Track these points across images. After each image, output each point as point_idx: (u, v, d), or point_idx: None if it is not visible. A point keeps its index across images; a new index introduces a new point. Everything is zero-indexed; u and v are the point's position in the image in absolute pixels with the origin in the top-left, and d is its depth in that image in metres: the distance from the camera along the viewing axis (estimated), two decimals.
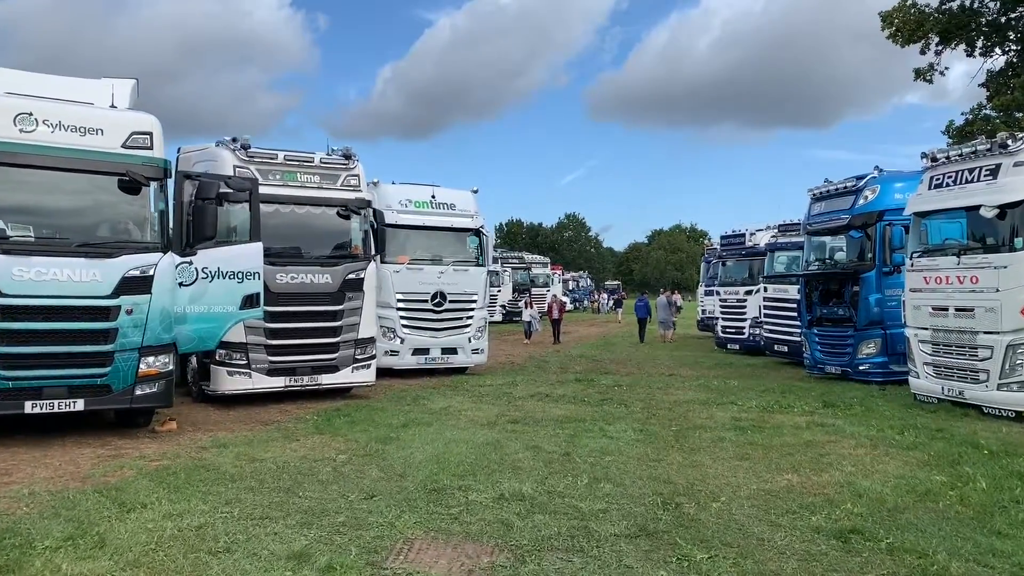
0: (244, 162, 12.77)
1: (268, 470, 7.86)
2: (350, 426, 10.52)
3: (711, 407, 12.53)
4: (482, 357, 18.28)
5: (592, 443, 9.34)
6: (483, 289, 18.17)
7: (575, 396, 13.76)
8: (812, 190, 17.57)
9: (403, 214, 17.31)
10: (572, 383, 15.96)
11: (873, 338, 15.95)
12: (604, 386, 15.45)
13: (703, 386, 15.43)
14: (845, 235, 16.82)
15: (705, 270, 33.81)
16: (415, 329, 17.29)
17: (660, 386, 15.54)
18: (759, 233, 24.50)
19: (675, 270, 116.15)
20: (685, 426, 10.66)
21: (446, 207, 17.89)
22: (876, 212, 15.80)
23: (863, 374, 16.07)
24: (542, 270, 53.16)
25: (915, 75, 22.18)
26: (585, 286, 76.36)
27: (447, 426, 10.55)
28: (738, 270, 25.63)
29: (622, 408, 12.48)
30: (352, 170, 13.74)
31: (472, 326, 17.92)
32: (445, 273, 17.52)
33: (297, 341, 13.04)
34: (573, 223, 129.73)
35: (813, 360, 17.44)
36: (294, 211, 13.24)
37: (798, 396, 13.87)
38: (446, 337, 17.61)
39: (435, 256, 17.78)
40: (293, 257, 13.13)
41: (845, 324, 16.61)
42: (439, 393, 14.30)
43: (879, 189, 15.95)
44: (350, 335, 13.43)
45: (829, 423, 10.82)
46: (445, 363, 17.70)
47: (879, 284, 15.81)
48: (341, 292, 13.31)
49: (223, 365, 12.58)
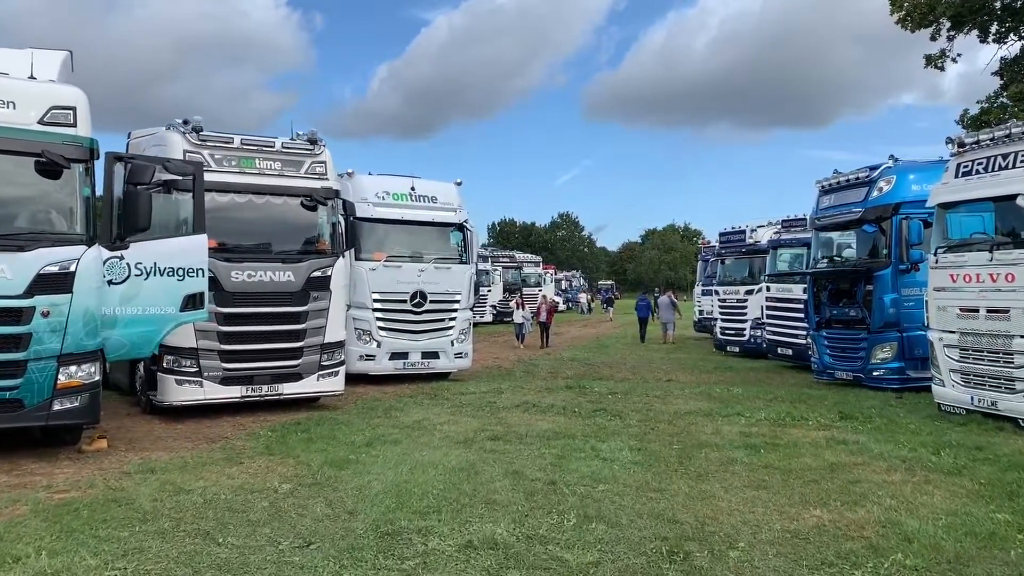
0: (195, 146, 11.42)
1: (192, 506, 6.53)
2: (306, 444, 9.19)
3: (716, 419, 11.25)
4: (466, 361, 16.96)
5: (583, 466, 8.04)
6: (467, 288, 16.85)
7: (565, 406, 12.46)
8: (820, 182, 16.31)
9: (379, 207, 15.99)
10: (562, 390, 14.67)
11: (888, 341, 14.70)
12: (597, 394, 14.16)
13: (705, 394, 14.15)
14: (857, 230, 15.56)
15: (702, 269, 32.57)
16: (393, 332, 15.97)
17: (658, 394, 14.26)
18: (760, 230, 23.25)
19: (669, 269, 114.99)
20: (688, 444, 9.36)
21: (427, 200, 16.56)
22: (892, 205, 14.55)
23: (877, 380, 14.82)
24: (534, 269, 51.79)
25: (926, 62, 20.97)
26: (578, 286, 74.97)
27: (417, 444, 9.23)
28: (738, 269, 24.37)
29: (617, 421, 11.19)
30: (318, 156, 12.40)
31: (455, 328, 16.60)
32: (426, 271, 16.20)
33: (255, 346, 11.70)
34: (566, 222, 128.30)
35: (822, 365, 16.19)
36: (252, 201, 11.89)
37: (810, 406, 12.60)
38: (427, 340, 16.28)
39: (415, 253, 16.46)
40: (250, 252, 11.78)
41: (857, 326, 15.35)
42: (415, 403, 12.98)
43: (895, 180, 14.70)
44: (315, 339, 12.09)
45: (851, 440, 9.54)
46: (426, 368, 16.38)
47: (895, 283, 14.56)
48: (305, 291, 11.98)
49: (171, 373, 11.24)
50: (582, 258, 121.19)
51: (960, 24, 20.95)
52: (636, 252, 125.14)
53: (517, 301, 30.38)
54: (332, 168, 12.60)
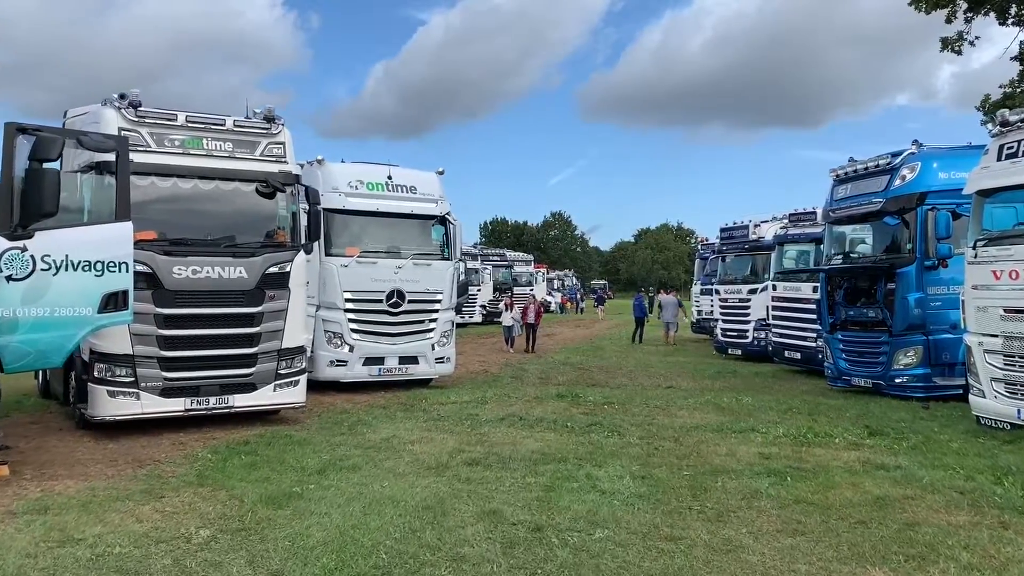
0: (133, 123, 9.94)
1: (73, 564, 5.06)
2: (246, 471, 7.73)
3: (728, 436, 9.83)
4: (448, 367, 15.51)
5: (576, 503, 6.60)
6: (449, 287, 15.39)
7: (556, 420, 11.03)
8: (835, 170, 14.91)
9: (352, 197, 14.51)
10: (553, 400, 13.22)
11: (912, 345, 13.30)
12: (591, 404, 12.72)
13: (712, 404, 12.72)
14: (877, 223, 14.15)
15: (700, 267, 31.20)
16: (367, 335, 14.50)
17: (659, 403, 12.84)
18: (764, 225, 21.85)
19: (662, 269, 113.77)
20: (701, 469, 7.93)
21: (405, 190, 15.09)
22: (916, 194, 13.16)
23: (900, 388, 13.43)
24: (525, 268, 50.28)
25: (942, 45, 19.63)
26: (571, 285, 73.46)
27: (380, 471, 7.78)
28: (740, 266, 22.96)
29: (615, 438, 9.76)
30: (275, 136, 10.92)
31: (436, 331, 15.13)
32: (404, 268, 14.73)
33: (201, 352, 10.22)
34: (559, 222, 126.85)
35: (836, 370, 14.79)
36: (198, 187, 10.41)
37: (831, 419, 11.20)
38: (405, 344, 14.82)
39: (391, 248, 14.99)
40: (196, 246, 10.29)
41: (877, 328, 13.96)
42: (387, 415, 11.53)
43: (919, 167, 13.30)
44: (271, 344, 10.63)
45: (890, 464, 8.13)
46: (403, 375, 14.91)
47: (920, 281, 13.17)
48: (259, 290, 10.50)
49: (103, 383, 9.74)
50: (575, 258, 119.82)
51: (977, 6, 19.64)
52: (629, 252, 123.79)
53: (506, 302, 28.17)
54: (292, 150, 11.12)
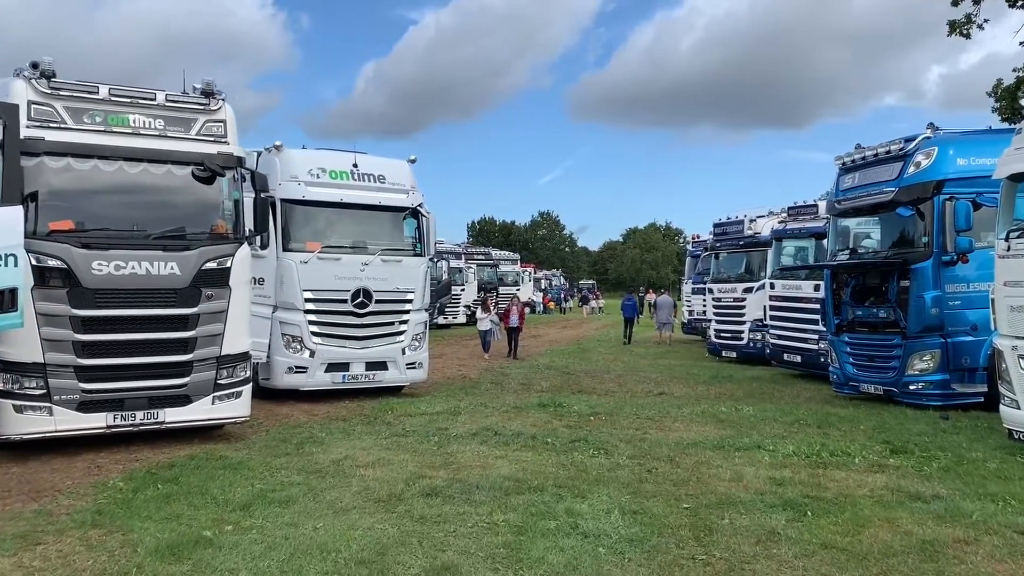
0: (46, 96, 8.63)
1: None
2: (157, 507, 6.40)
3: (731, 455, 8.57)
4: (420, 373, 14.17)
5: (552, 553, 5.30)
6: (422, 285, 14.07)
7: (535, 435, 9.74)
8: (841, 158, 13.69)
9: (313, 187, 13.17)
10: (534, 410, 11.94)
11: (929, 349, 12.09)
12: (576, 415, 11.45)
13: (709, 415, 11.47)
14: (887, 214, 12.93)
15: (691, 265, 29.97)
16: (330, 338, 13.16)
17: (651, 414, 11.58)
18: (760, 220, 20.62)
19: (650, 269, 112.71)
20: (703, 500, 6.66)
21: (372, 179, 13.75)
22: (933, 182, 11.95)
23: (914, 396, 12.21)
24: (511, 267, 48.92)
25: (949, 29, 18.49)
26: (558, 285, 72.20)
27: (319, 506, 6.47)
28: (734, 264, 21.72)
29: (601, 457, 8.49)
30: (214, 113, 9.58)
31: (407, 333, 13.81)
32: (371, 265, 13.40)
33: (126, 360, 8.87)
34: (547, 221, 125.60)
35: (843, 376, 13.56)
36: (124, 170, 9.04)
37: (845, 433, 9.97)
38: (372, 348, 13.48)
39: (357, 242, 13.66)
40: (120, 238, 8.95)
41: (889, 330, 12.75)
42: (345, 431, 10.20)
43: (936, 153, 12.10)
44: (209, 350, 9.29)
45: (925, 492, 6.88)
46: (370, 382, 13.57)
47: (937, 278, 11.96)
48: (195, 288, 9.15)
49: (9, 397, 8.39)
50: (563, 257, 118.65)
51: None
52: (618, 251, 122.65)
53: (484, 302, 24.17)
54: (234, 129, 9.77)
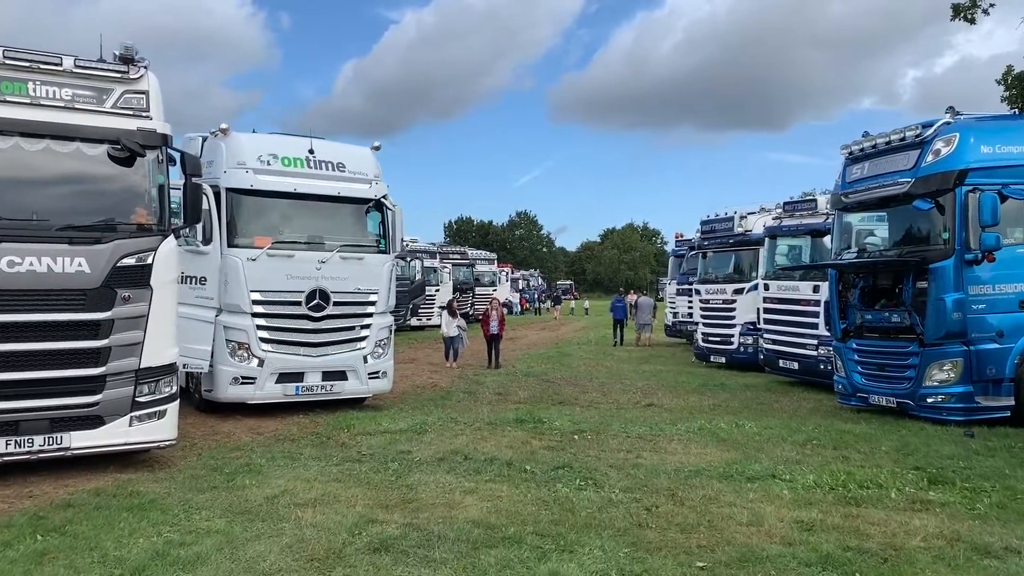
0: None
1: None
2: (24, 571, 4.96)
3: (743, 488, 7.27)
4: (384, 383, 12.75)
5: None
6: (386, 286, 12.65)
7: (511, 460, 8.38)
8: (848, 146, 12.46)
9: (263, 175, 11.73)
10: (510, 426, 10.57)
11: (949, 357, 10.87)
12: (558, 433, 10.10)
13: (708, 433, 10.15)
14: (902, 208, 11.68)
15: (675, 265, 28.79)
16: (281, 345, 11.73)
17: (642, 430, 10.26)
18: (751, 217, 19.43)
19: (628, 269, 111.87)
20: (721, 557, 5.34)
21: (331, 167, 12.32)
22: (955, 172, 10.76)
23: (933, 409, 11.00)
24: (488, 267, 47.53)
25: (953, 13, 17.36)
26: (536, 286, 70.86)
27: (234, 568, 5.06)
28: (723, 263, 20.51)
29: (590, 490, 7.15)
30: (134, 83, 8.11)
31: (369, 339, 12.39)
32: (328, 262, 11.98)
33: (22, 375, 7.42)
34: (525, 221, 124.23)
35: (850, 386, 12.32)
36: (21, 147, 7.57)
37: (866, 455, 8.71)
38: (330, 356, 12.06)
39: (313, 238, 12.25)
40: (16, 228, 7.46)
41: (903, 336, 11.52)
42: (290, 455, 8.78)
43: (957, 139, 10.89)
44: (126, 362, 7.84)
45: (992, 544, 5.61)
46: (328, 393, 12.15)
47: (959, 278, 10.76)
48: (108, 289, 7.71)
49: None
50: (541, 258, 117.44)
51: None
52: (595, 252, 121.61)
53: (450, 305, 20.69)
54: (159, 102, 8.30)
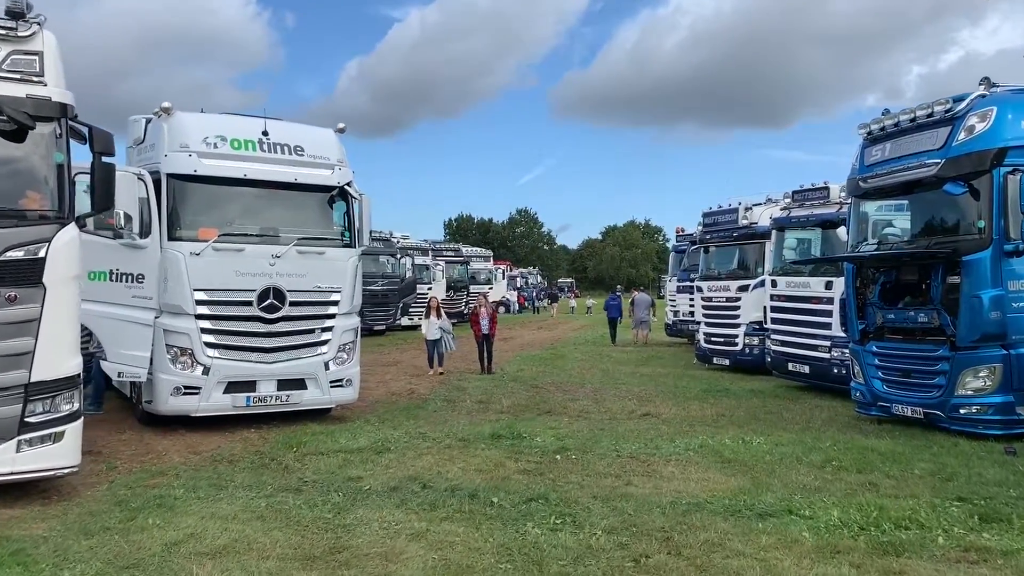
0: None
1: None
2: None
3: (754, 528, 5.93)
4: (349, 392, 11.40)
5: None
6: (351, 283, 11.30)
7: (478, 489, 7.05)
8: (867, 125, 11.10)
9: (209, 158, 10.40)
10: (484, 443, 9.24)
11: (986, 363, 9.54)
12: (538, 452, 8.78)
13: (710, 451, 8.81)
14: (929, 193, 10.34)
15: (676, 261, 27.40)
16: (230, 350, 10.42)
17: (634, 449, 8.93)
18: (756, 209, 18.05)
19: (630, 267, 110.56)
20: None
21: (287, 151, 10.98)
22: (992, 151, 9.42)
23: (966, 422, 9.67)
24: (483, 265, 46.16)
25: None
26: (535, 284, 69.44)
27: None
28: (727, 258, 19.12)
29: (566, 532, 5.82)
30: (23, 42, 6.77)
31: (331, 343, 11.07)
32: (284, 257, 10.66)
33: None
34: (525, 219, 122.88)
35: (870, 394, 10.97)
36: None
37: (897, 482, 7.38)
38: (286, 362, 10.74)
39: (266, 229, 10.92)
40: None
41: (931, 338, 10.19)
42: (217, 482, 7.44)
43: (994, 114, 9.54)
44: (10, 376, 6.53)
45: None
46: (284, 404, 10.81)
47: (996, 272, 9.42)
48: None
49: None
50: (542, 256, 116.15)
51: None
52: (597, 249, 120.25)
53: (432, 305, 17.92)
54: (58, 66, 6.97)
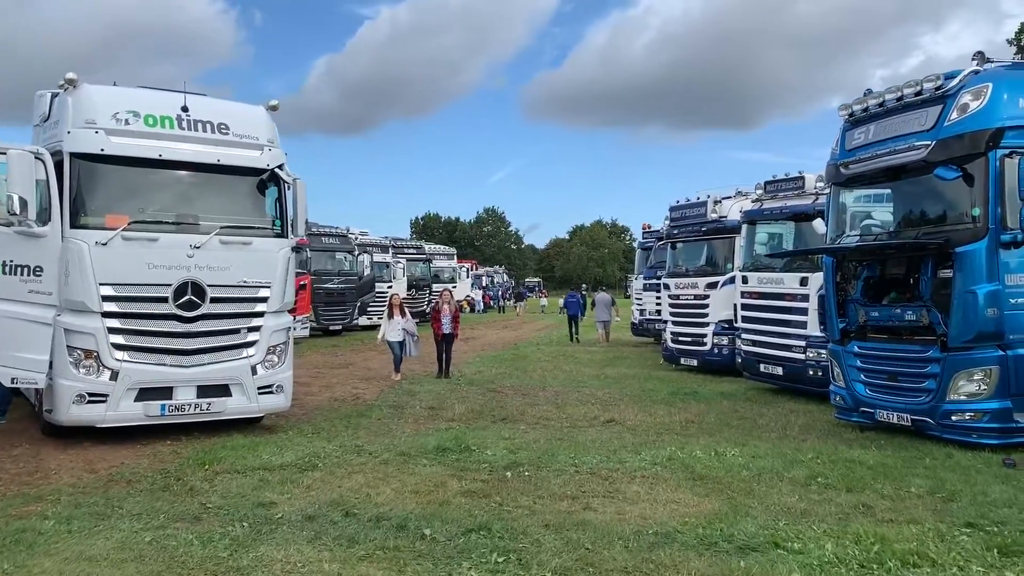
0: None
1: None
2: None
3: (733, 565, 4.92)
4: (280, 399, 10.22)
5: None
6: (282, 277, 10.14)
7: (408, 517, 5.97)
8: (849, 106, 10.21)
9: (119, 136, 9.20)
10: (426, 460, 8.14)
11: (981, 365, 8.68)
12: (487, 468, 7.71)
13: (680, 465, 7.80)
14: (917, 179, 9.47)
15: (642, 258, 26.50)
16: (142, 353, 9.23)
17: (595, 462, 7.90)
18: (726, 202, 17.15)
19: (597, 266, 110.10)
20: None
21: (210, 129, 9.79)
22: (987, 132, 8.57)
23: (958, 430, 8.81)
24: (447, 263, 44.93)
25: None
26: (500, 283, 68.30)
27: None
28: (695, 254, 18.22)
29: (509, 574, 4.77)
30: None
31: (260, 344, 9.91)
32: (205, 248, 9.49)
33: None
34: (493, 218, 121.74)
35: (852, 399, 10.08)
36: None
37: (893, 503, 6.43)
38: (207, 366, 9.56)
39: (184, 217, 9.73)
40: None
41: (919, 338, 9.32)
42: (103, 510, 6.27)
43: (990, 91, 8.69)
44: None
45: None
46: (205, 413, 9.62)
47: (993, 265, 8.56)
48: None
49: None
50: (509, 255, 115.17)
51: None
52: (564, 249, 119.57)
53: (394, 304, 16.26)
54: None
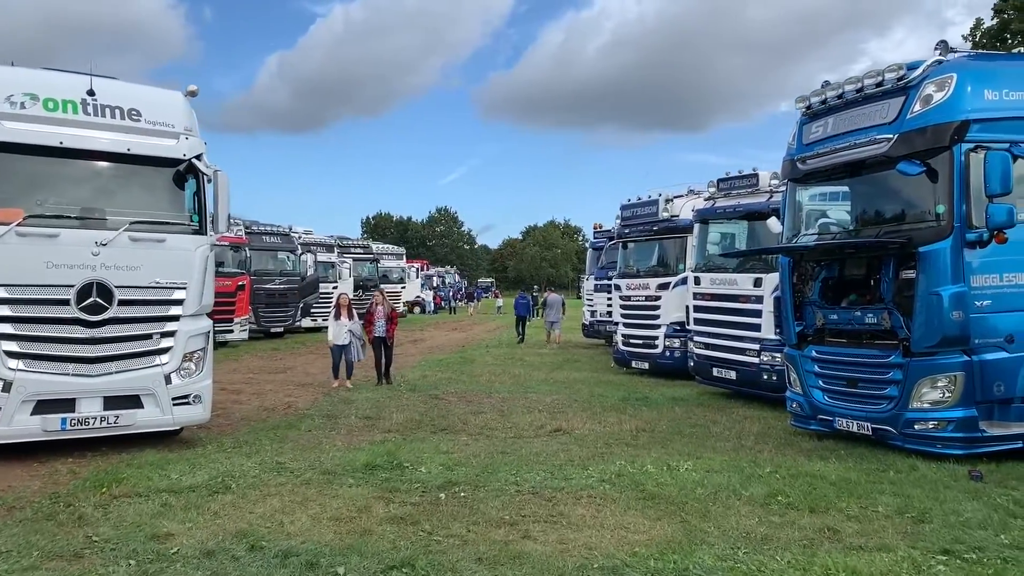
0: None
1: None
2: None
3: None
4: (197, 411, 9.31)
5: None
6: (199, 278, 9.24)
7: (321, 553, 5.20)
8: (806, 98, 9.70)
9: (14, 121, 8.26)
10: (353, 479, 7.37)
11: (945, 371, 8.21)
12: (419, 488, 6.98)
13: (629, 482, 7.17)
14: (878, 174, 8.99)
15: (594, 258, 25.98)
16: (40, 360, 8.30)
17: (538, 480, 7.22)
18: (678, 201, 16.67)
19: (550, 267, 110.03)
20: None
21: (119, 115, 8.86)
22: (952, 125, 8.11)
23: (922, 440, 8.35)
24: (395, 263, 43.98)
25: None
26: (452, 283, 67.49)
27: None
28: (646, 254, 17.71)
29: None
30: None
31: (174, 351, 9.01)
32: (112, 245, 8.57)
33: None
34: (445, 218, 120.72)
35: (809, 406, 9.58)
36: None
37: (861, 525, 5.89)
38: (114, 375, 8.64)
39: (89, 211, 8.80)
40: None
41: (880, 342, 8.86)
42: None
43: (954, 82, 8.23)
44: None
45: None
46: (113, 427, 8.69)
47: (957, 266, 8.10)
48: None
49: None
50: (462, 255, 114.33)
51: None
52: (517, 249, 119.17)
53: (341, 305, 14.98)
54: None
